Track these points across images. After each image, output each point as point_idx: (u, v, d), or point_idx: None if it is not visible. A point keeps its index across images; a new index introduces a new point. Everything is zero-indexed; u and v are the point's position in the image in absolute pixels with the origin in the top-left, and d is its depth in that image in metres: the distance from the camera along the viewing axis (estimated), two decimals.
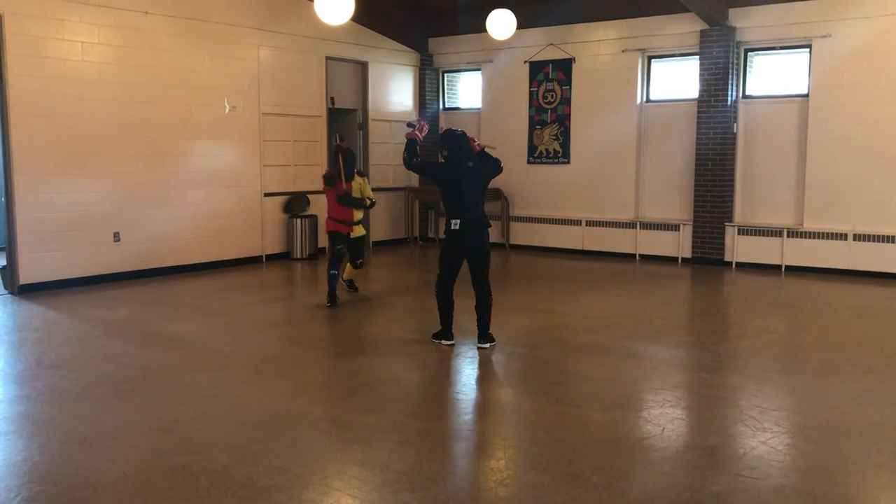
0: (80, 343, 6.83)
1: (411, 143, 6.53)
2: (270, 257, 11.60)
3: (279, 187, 11.67)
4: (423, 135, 6.64)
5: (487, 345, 6.51)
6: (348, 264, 8.88)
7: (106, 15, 9.46)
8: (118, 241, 9.78)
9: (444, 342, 6.61)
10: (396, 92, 13.57)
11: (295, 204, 11.77)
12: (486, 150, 6.67)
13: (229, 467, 4.13)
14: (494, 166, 6.66)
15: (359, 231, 8.59)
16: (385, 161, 13.48)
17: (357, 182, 8.45)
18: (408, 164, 6.55)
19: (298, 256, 11.72)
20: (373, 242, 13.32)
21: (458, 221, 6.35)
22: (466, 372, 6.14)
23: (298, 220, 11.69)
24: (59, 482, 3.99)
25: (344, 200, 8.31)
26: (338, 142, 8.88)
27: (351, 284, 9.12)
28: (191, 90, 10.40)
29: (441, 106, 14.05)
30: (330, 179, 8.41)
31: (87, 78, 9.34)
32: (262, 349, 6.68)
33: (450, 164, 6.48)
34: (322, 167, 12.34)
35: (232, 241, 11.09)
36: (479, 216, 6.44)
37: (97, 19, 9.38)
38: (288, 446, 4.44)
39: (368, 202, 8.47)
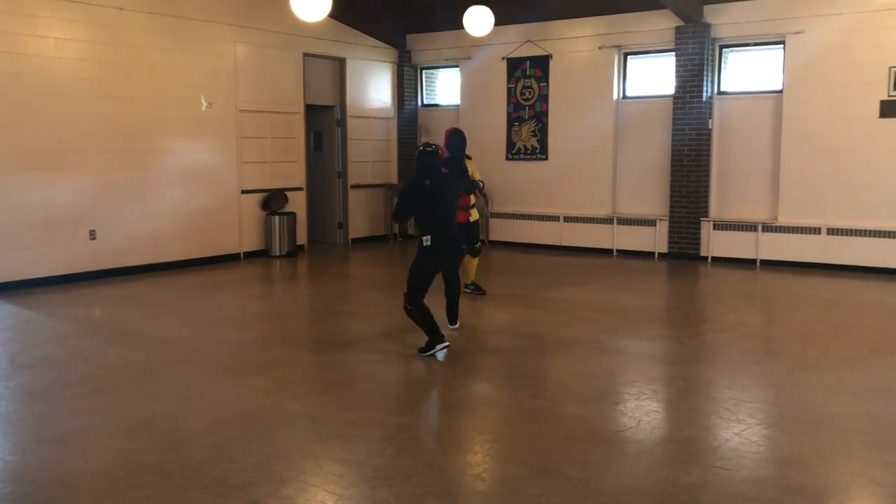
0: (54, 342, 6.76)
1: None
2: (248, 255, 11.54)
3: (257, 184, 11.61)
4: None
5: (457, 325, 7.08)
6: (474, 261, 8.45)
7: (79, 10, 9.36)
8: (94, 239, 9.69)
9: (437, 348, 6.23)
10: (374, 89, 13.54)
11: (273, 201, 11.72)
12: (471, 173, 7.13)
13: (205, 465, 4.11)
14: (467, 183, 7.11)
15: (475, 214, 8.34)
16: (363, 158, 13.45)
17: (470, 165, 8.09)
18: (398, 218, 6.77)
19: (277, 254, 11.67)
20: (352, 240, 13.30)
21: (430, 238, 6.32)
22: (444, 367, 6.14)
23: (276, 217, 11.64)
24: (31, 481, 3.95)
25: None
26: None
27: (477, 288, 8.65)
28: (167, 87, 10.32)
29: (419, 103, 14.04)
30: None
31: (61, 74, 9.24)
32: (239, 347, 6.65)
33: (419, 181, 6.36)
34: (300, 164, 12.32)
35: (209, 239, 11.02)
36: (450, 232, 6.44)
37: (70, 15, 9.28)
38: (264, 443, 4.42)
39: (481, 184, 8.24)
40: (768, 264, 10.61)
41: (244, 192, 11.42)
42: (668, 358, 6.38)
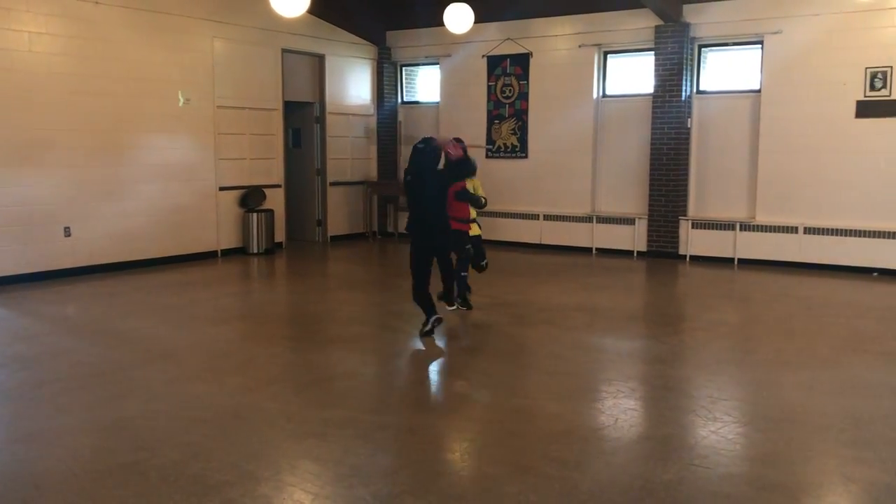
0: (28, 340, 6.67)
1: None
2: (226, 252, 11.45)
3: (235, 181, 11.53)
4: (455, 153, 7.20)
5: (454, 306, 7.61)
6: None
7: (54, 4, 9.23)
8: (69, 236, 9.57)
9: (431, 321, 6.71)
10: (354, 85, 13.49)
11: (251, 198, 11.64)
12: (470, 149, 7.33)
13: (180, 464, 4.07)
14: (457, 170, 7.40)
15: (475, 230, 8.13)
16: (343, 155, 13.40)
17: (471, 182, 8.05)
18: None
19: (255, 251, 11.59)
20: (330, 237, 13.25)
21: (412, 228, 6.92)
22: (422, 366, 6.14)
23: (255, 215, 11.57)
24: (4, 481, 3.89)
25: (461, 196, 7.80)
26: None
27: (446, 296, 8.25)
28: (143, 82, 10.21)
29: (399, 100, 14.00)
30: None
31: (35, 69, 9.11)
32: (216, 345, 6.60)
33: (411, 175, 6.84)
34: (279, 161, 12.24)
35: (186, 236, 10.93)
36: (432, 222, 6.86)
37: (45, 8, 9.15)
38: (241, 442, 4.39)
39: (483, 201, 8.08)
40: (746, 263, 10.68)
41: (222, 188, 11.34)
42: (645, 356, 6.41)
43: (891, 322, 7.50)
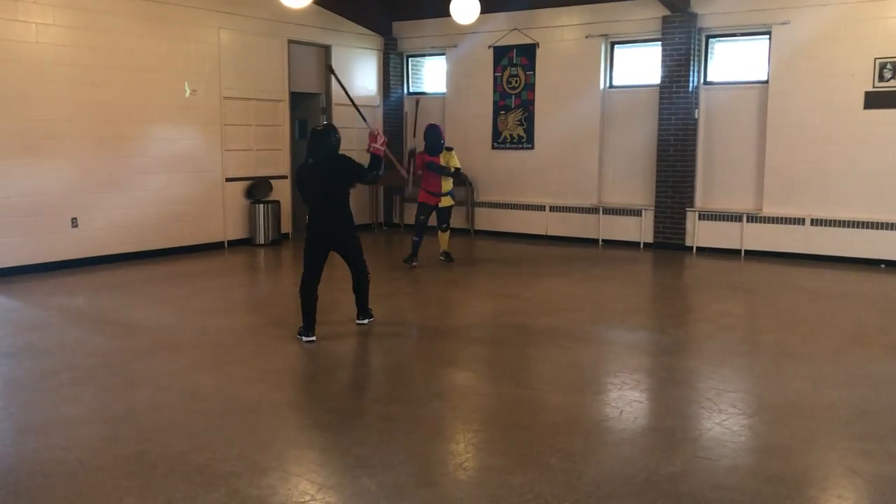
0: (36, 331, 6.71)
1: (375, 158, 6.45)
2: (232, 243, 11.48)
3: (241, 172, 11.54)
4: (381, 145, 6.56)
5: (366, 321, 6.78)
6: (444, 235, 9.93)
7: None
8: (76, 227, 9.61)
9: (304, 339, 6.29)
10: (360, 76, 13.47)
11: (257, 189, 11.65)
12: (394, 161, 6.80)
13: (186, 454, 4.09)
14: (357, 171, 6.47)
15: (446, 201, 9.70)
16: (349, 146, 13.23)
17: (444, 155, 9.59)
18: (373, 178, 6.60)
19: (261, 242, 11.61)
20: None
21: (308, 217, 6.40)
22: (427, 357, 6.15)
23: (261, 206, 11.58)
24: (12, 471, 3.93)
25: (432, 167, 9.49)
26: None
27: (448, 257, 9.99)
28: (149, 73, 10.22)
29: (405, 91, 13.99)
30: (411, 153, 9.92)
31: (42, 60, 9.13)
32: (222, 336, 6.62)
33: (305, 159, 6.45)
34: (285, 152, 12.25)
35: (193, 227, 10.96)
36: (329, 213, 6.36)
37: (52, 0, 9.17)
38: (246, 433, 4.41)
39: (452, 169, 9.59)
40: (752, 254, 10.66)
41: (228, 179, 11.35)
42: (651, 348, 6.41)
43: None
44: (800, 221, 10.35)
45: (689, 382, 5.44)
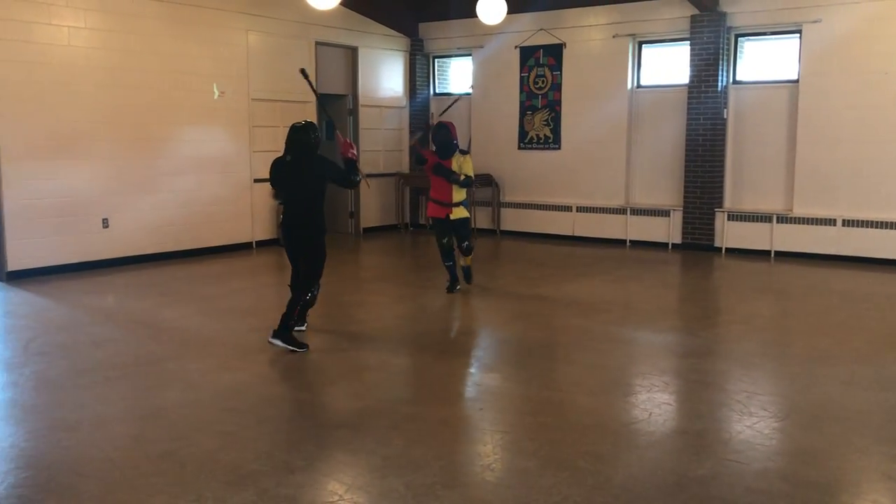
0: (68, 330, 6.80)
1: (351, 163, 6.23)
2: (260, 244, 11.56)
3: (269, 173, 11.57)
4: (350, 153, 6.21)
5: (277, 342, 6.02)
6: (467, 258, 8.25)
7: None
8: (107, 227, 9.73)
9: (296, 328, 6.20)
10: (387, 77, 13.51)
11: None
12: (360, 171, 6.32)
13: (216, 453, 4.13)
14: (336, 175, 6.23)
15: (458, 213, 7.95)
16: (375, 147, 13.43)
17: (457, 159, 7.93)
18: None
19: None
20: (363, 229, 13.30)
21: (282, 216, 6.29)
22: (453, 357, 6.14)
23: None
24: (45, 468, 3.98)
25: (440, 170, 7.87)
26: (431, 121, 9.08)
27: (467, 274, 8.31)
28: (179, 75, 10.33)
29: (431, 92, 14.00)
30: (419, 157, 8.16)
31: (74, 63, 9.26)
32: (251, 336, 6.66)
33: (283, 155, 6.34)
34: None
35: (221, 228, 11.05)
36: (300, 215, 6.15)
37: (84, 3, 9.29)
38: (275, 432, 4.44)
39: (463, 177, 7.83)
40: (783, 256, 10.53)
41: (256, 181, 11.42)
42: (680, 350, 6.35)
43: None
44: (831, 222, 10.21)
45: (719, 385, 5.38)
